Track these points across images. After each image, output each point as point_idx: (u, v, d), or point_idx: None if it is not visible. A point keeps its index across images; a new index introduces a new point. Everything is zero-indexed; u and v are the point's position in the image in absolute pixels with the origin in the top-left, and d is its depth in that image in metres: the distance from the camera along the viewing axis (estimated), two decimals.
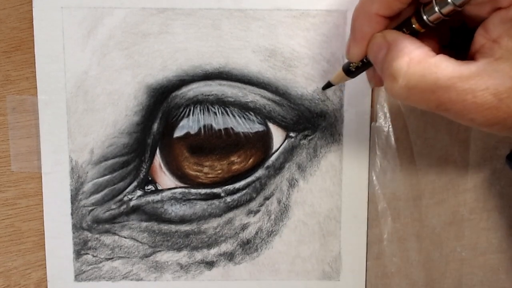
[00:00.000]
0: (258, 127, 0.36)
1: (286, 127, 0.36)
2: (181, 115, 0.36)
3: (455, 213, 0.37)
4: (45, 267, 0.38)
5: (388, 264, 0.37)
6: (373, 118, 0.36)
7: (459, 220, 0.37)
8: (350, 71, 0.31)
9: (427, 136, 0.36)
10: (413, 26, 0.27)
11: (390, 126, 0.36)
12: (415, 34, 0.27)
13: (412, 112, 0.36)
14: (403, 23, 0.28)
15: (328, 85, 0.35)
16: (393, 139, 0.37)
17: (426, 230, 0.37)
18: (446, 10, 0.26)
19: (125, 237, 0.37)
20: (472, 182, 0.37)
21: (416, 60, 0.25)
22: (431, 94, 0.25)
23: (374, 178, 0.37)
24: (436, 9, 0.26)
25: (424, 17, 0.27)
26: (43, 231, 0.37)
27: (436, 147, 0.36)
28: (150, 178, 0.37)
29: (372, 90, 0.36)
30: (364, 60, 0.30)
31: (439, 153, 0.37)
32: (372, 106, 0.36)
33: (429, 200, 0.37)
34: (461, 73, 0.24)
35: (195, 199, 0.37)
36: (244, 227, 0.37)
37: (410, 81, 0.25)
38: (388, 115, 0.36)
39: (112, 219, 0.37)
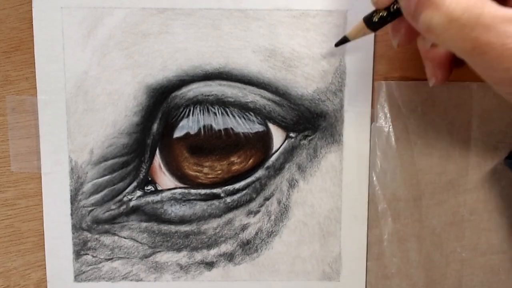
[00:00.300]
0: (258, 128, 0.36)
1: (286, 127, 0.36)
2: (181, 115, 0.36)
3: (456, 213, 0.37)
4: (45, 268, 0.38)
5: (388, 265, 0.37)
6: (373, 118, 0.36)
7: (460, 221, 0.37)
8: (372, 23, 0.29)
9: (428, 136, 0.36)
10: None
11: (391, 127, 0.36)
12: None
13: (413, 112, 0.36)
14: None
15: (344, 40, 0.33)
16: (393, 139, 0.36)
17: (426, 231, 0.37)
18: None
19: (125, 238, 0.37)
20: (473, 183, 0.37)
21: None
22: (470, 31, 0.24)
23: (374, 178, 0.37)
24: None
25: None
26: (43, 231, 0.37)
27: (437, 148, 0.36)
28: (149, 179, 0.37)
29: (373, 90, 0.36)
30: (392, 8, 0.28)
31: (439, 154, 0.36)
32: (372, 107, 0.36)
33: (429, 200, 0.37)
34: (505, 14, 0.23)
35: (195, 199, 0.37)
36: (244, 228, 0.37)
37: (454, 12, 0.24)
38: (388, 115, 0.36)
39: (112, 220, 0.37)
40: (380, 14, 0.29)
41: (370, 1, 0.29)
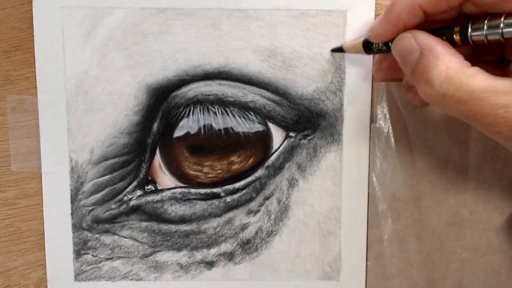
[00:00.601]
0: (258, 127, 0.36)
1: (286, 127, 0.36)
2: (181, 115, 0.36)
3: (456, 213, 0.37)
4: (45, 267, 0.38)
5: (388, 265, 0.37)
6: (373, 119, 0.36)
7: (460, 221, 0.37)
8: (369, 49, 0.31)
9: (427, 137, 0.36)
10: (454, 36, 0.27)
11: (390, 127, 0.36)
12: (450, 43, 0.28)
13: (412, 113, 0.36)
14: (442, 29, 0.28)
15: (339, 49, 0.34)
16: (393, 140, 0.36)
17: (426, 231, 0.37)
18: (492, 37, 0.26)
19: (125, 237, 0.37)
20: (472, 183, 0.37)
21: (453, 69, 0.26)
22: (464, 104, 0.26)
23: (374, 179, 0.37)
24: (484, 32, 0.26)
25: (469, 33, 0.27)
26: (43, 231, 0.37)
27: (436, 148, 0.36)
28: (150, 178, 0.37)
29: (372, 91, 0.36)
30: (391, 43, 0.30)
31: (439, 154, 0.36)
32: (372, 107, 0.36)
33: (429, 201, 0.37)
34: (496, 87, 0.25)
35: (195, 199, 0.37)
36: (244, 227, 0.37)
37: (448, 91, 0.26)
38: (388, 116, 0.36)
39: (112, 219, 0.37)
40: (380, 47, 0.31)
41: (367, 34, 0.31)
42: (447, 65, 0.26)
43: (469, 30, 0.27)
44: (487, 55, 0.30)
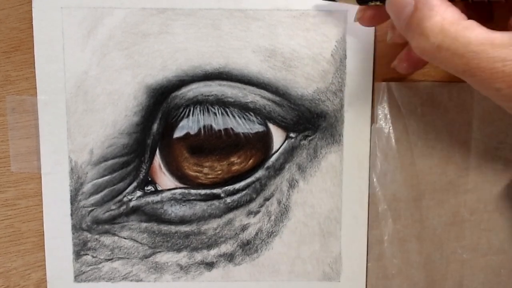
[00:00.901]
0: (258, 128, 0.36)
1: (286, 127, 0.36)
2: (181, 115, 0.36)
3: (456, 214, 0.37)
4: (45, 268, 0.38)
5: (388, 266, 0.37)
6: (373, 119, 0.36)
7: (460, 221, 0.37)
8: (364, 0, 0.30)
9: (428, 137, 0.36)
10: None
11: (391, 128, 0.36)
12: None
13: (413, 113, 0.36)
14: None
15: None
16: (393, 140, 0.36)
17: (427, 231, 0.37)
18: None
19: (125, 238, 0.37)
20: (473, 183, 0.37)
21: (449, 20, 0.25)
22: (460, 57, 0.25)
23: (374, 179, 0.37)
24: None
25: None
26: (43, 231, 0.37)
27: (437, 148, 0.36)
28: (149, 179, 0.37)
29: (373, 91, 0.36)
30: None
31: (439, 154, 0.36)
32: (372, 107, 0.36)
33: (429, 201, 0.37)
34: (493, 40, 0.24)
35: (195, 199, 0.37)
36: (244, 228, 0.37)
37: (443, 43, 0.25)
38: (388, 116, 0.36)
39: (112, 220, 0.37)
40: (375, 2, 0.30)
41: None
42: (443, 16, 0.25)
43: None
44: (477, 15, 0.30)
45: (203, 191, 0.37)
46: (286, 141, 0.36)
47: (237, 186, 0.37)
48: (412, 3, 0.26)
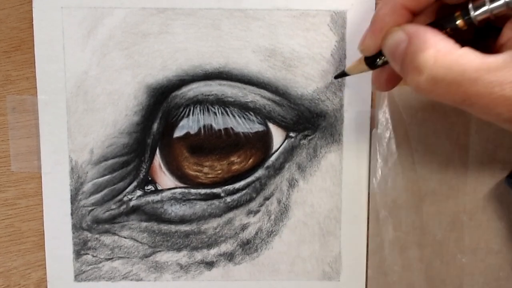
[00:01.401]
0: (258, 127, 0.36)
1: (286, 127, 0.36)
2: (181, 115, 0.36)
3: (455, 218, 0.37)
4: (45, 267, 0.38)
5: (389, 273, 0.37)
6: (373, 123, 0.36)
7: (459, 226, 0.37)
8: (374, 64, 0.30)
9: (428, 142, 0.36)
10: (457, 22, 0.26)
11: (392, 133, 0.36)
12: (454, 31, 0.27)
13: (414, 118, 0.36)
14: (441, 19, 0.27)
15: (342, 74, 0.33)
16: (394, 146, 0.36)
17: (427, 238, 0.37)
18: (498, 10, 0.25)
19: (125, 237, 0.37)
20: (472, 187, 0.37)
21: (442, 52, 0.25)
22: (457, 87, 0.24)
23: (375, 186, 0.37)
24: (487, 6, 0.25)
25: (472, 14, 0.26)
26: (43, 231, 0.37)
27: (437, 153, 0.36)
28: (150, 178, 0.37)
29: (372, 91, 0.36)
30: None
31: (439, 159, 0.36)
32: (372, 107, 0.36)
33: (429, 207, 0.37)
34: (489, 65, 0.24)
35: (195, 199, 0.37)
36: (244, 227, 0.37)
37: (437, 74, 0.24)
38: (389, 121, 0.36)
39: (112, 219, 0.37)
40: (384, 59, 0.29)
41: (359, 50, 0.30)
42: (436, 48, 0.25)
43: (471, 10, 0.26)
44: (467, 38, 0.29)
45: (203, 191, 0.37)
46: (286, 141, 0.36)
47: (237, 185, 0.37)
48: (406, 39, 0.26)
